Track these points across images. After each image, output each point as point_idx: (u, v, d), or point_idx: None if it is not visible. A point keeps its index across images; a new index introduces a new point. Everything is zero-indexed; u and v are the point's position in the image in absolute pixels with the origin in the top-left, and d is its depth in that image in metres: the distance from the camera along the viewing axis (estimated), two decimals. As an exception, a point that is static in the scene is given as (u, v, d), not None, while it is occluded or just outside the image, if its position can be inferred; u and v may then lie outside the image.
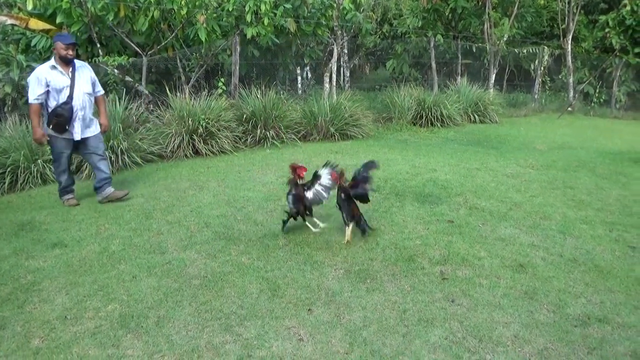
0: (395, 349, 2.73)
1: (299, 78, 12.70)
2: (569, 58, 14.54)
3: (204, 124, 7.24)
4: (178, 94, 7.76)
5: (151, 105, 8.23)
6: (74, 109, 4.90)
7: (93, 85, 5.16)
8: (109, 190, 5.20)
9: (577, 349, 2.74)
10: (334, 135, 8.54)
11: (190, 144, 7.22)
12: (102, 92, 5.34)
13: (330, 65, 9.93)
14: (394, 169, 6.46)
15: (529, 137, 9.78)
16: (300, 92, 12.03)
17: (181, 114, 7.31)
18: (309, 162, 6.81)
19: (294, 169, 4.27)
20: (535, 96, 14.64)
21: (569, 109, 14.12)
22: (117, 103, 7.05)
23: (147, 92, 8.32)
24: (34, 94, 4.76)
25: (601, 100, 14.94)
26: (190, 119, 7.21)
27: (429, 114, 10.39)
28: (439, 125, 10.37)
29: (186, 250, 3.97)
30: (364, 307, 3.16)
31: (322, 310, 3.12)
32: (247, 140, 7.92)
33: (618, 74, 14.78)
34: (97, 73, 8.05)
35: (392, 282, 3.48)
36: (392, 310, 3.12)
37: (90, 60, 7.86)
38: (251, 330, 2.89)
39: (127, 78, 8.14)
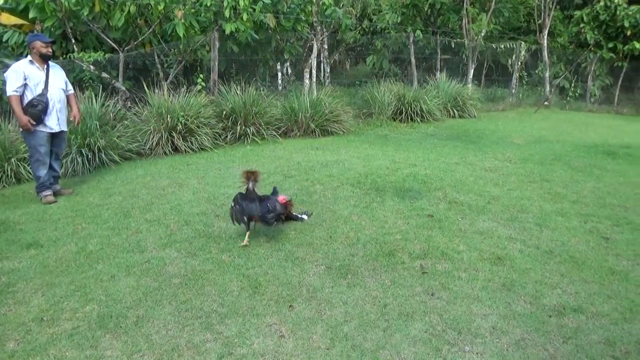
0: (376, 343, 2.75)
1: (279, 74, 12.66)
2: (545, 53, 14.78)
3: (183, 121, 7.17)
4: (156, 90, 7.65)
5: (129, 102, 8.11)
6: (50, 100, 5.06)
7: (65, 84, 5.34)
8: (56, 187, 5.36)
9: (553, 338, 2.79)
10: (315, 131, 8.54)
11: (169, 141, 7.14)
12: (73, 91, 5.50)
13: (310, 61, 9.91)
14: (374, 164, 6.49)
15: (507, 132, 9.91)
16: (280, 88, 11.99)
17: (160, 111, 7.22)
18: (289, 158, 6.81)
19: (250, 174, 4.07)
20: (513, 91, 14.85)
21: (546, 103, 14.36)
22: (94, 100, 6.92)
23: (124, 88, 8.19)
24: (12, 86, 4.90)
25: (576, 94, 15.23)
26: (169, 116, 7.13)
27: (409, 109, 10.46)
28: (418, 120, 10.44)
29: (166, 249, 3.93)
30: (345, 302, 3.17)
31: (303, 306, 3.12)
32: (227, 137, 7.87)
33: (592, 69, 15.08)
34: (72, 69, 7.95)
35: (373, 277, 3.50)
36: (372, 305, 3.13)
37: (64, 56, 7.70)
38: (232, 328, 2.88)
39: (104, 74, 8.00)
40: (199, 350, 2.67)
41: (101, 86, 7.62)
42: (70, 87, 5.44)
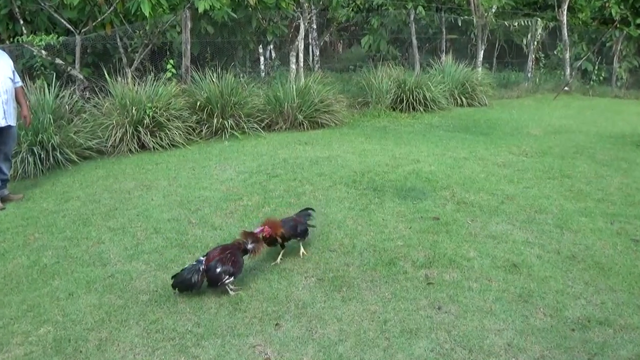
0: (376, 364, 2.76)
1: (261, 58, 12.65)
2: (565, 31, 14.89)
3: (150, 114, 7.14)
4: (119, 78, 7.62)
5: (87, 93, 8.07)
6: None
7: (13, 73, 5.26)
8: (3, 192, 5.31)
9: (576, 355, 2.82)
10: (303, 124, 8.55)
11: (135, 137, 7.11)
12: (21, 83, 5.44)
13: (297, 43, 9.92)
14: (372, 160, 6.51)
15: (522, 121, 9.98)
16: (262, 74, 11.99)
17: (123, 102, 7.20)
18: (274, 155, 6.81)
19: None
20: (529, 75, 14.95)
21: (566, 88, 14.48)
22: (47, 90, 6.88)
23: (81, 76, 8.15)
24: None
25: (601, 78, 15.36)
26: (134, 108, 7.10)
27: (411, 97, 10.49)
28: (421, 109, 10.48)
29: (132, 261, 3.92)
30: (339, 318, 3.18)
31: (291, 324, 3.12)
32: (202, 131, 7.85)
33: (619, 48, 15.22)
34: (21, 55, 7.89)
35: (371, 289, 3.52)
36: (371, 322, 3.15)
37: (11, 40, 7.65)
38: (209, 351, 2.87)
39: (58, 60, 7.95)
40: (172, 376, 2.67)
41: (55, 74, 7.57)
42: (17, 78, 5.38)
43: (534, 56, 15.13)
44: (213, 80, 8.14)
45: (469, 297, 3.40)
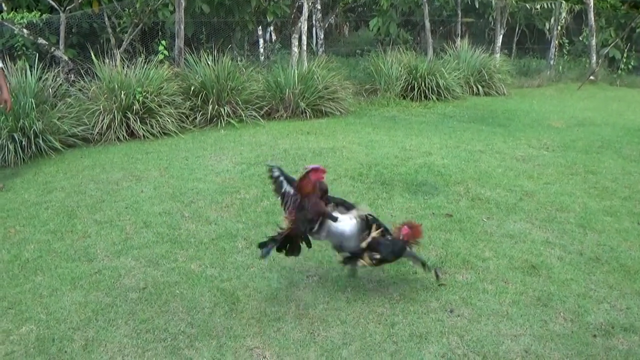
0: (382, 370, 2.79)
1: (261, 41, 12.65)
2: (591, 15, 14.85)
3: (140, 99, 7.16)
4: (107, 60, 7.63)
5: (72, 75, 8.09)
6: None
7: None
8: None
9: (598, 363, 2.85)
10: (305, 112, 8.55)
11: (124, 124, 7.13)
12: (1, 64, 5.39)
13: (300, 24, 9.91)
14: (380, 152, 6.53)
15: (543, 112, 9.98)
16: (262, 58, 11.99)
17: (111, 86, 7.21)
18: (274, 145, 6.83)
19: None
20: (551, 62, 14.93)
21: (591, 77, 14.46)
22: (28, 72, 6.89)
23: (66, 58, 8.16)
24: None
25: (629, 66, 15.32)
26: (122, 93, 7.11)
27: (422, 84, 10.48)
28: (434, 98, 10.47)
29: (120, 257, 3.95)
30: (343, 321, 3.20)
31: (292, 326, 3.15)
32: (196, 118, 7.87)
33: (650, 35, 15.17)
34: (1, 34, 7.91)
35: (378, 290, 3.54)
36: (377, 324, 3.17)
37: (-9, 17, 7.67)
38: (204, 353, 2.90)
39: (41, 40, 7.97)
40: (164, 380, 2.70)
41: (37, 55, 7.58)
42: None
43: (557, 42, 15.09)
44: (208, 64, 8.14)
45: (484, 299, 3.43)
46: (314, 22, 13.76)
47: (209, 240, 4.20)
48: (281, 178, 3.55)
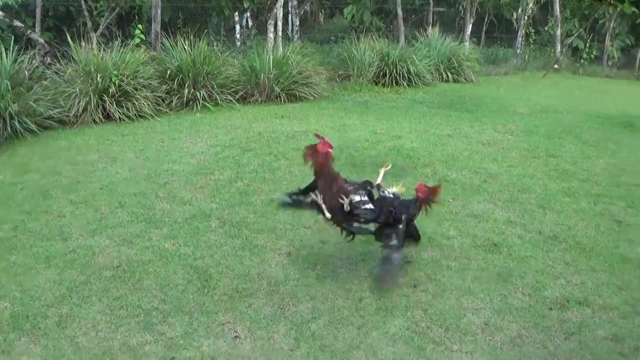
0: (349, 342, 2.82)
1: (237, 27, 12.51)
2: (557, 6, 14.98)
3: (116, 82, 7.04)
4: (83, 43, 7.47)
5: (48, 58, 7.91)
6: None
7: None
8: None
9: (553, 334, 2.92)
10: (280, 97, 8.50)
11: (100, 107, 7.01)
12: None
13: (275, 10, 9.81)
14: (352, 135, 6.53)
15: (509, 99, 10.07)
16: (238, 43, 11.86)
17: (87, 69, 7.07)
18: (248, 128, 6.79)
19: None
20: (518, 51, 15.04)
21: (556, 66, 14.62)
22: (4, 55, 6.72)
23: (42, 41, 7.98)
24: None
25: (592, 56, 15.52)
26: (99, 75, 6.98)
27: (394, 71, 10.48)
28: (405, 84, 10.49)
29: (95, 236, 3.90)
30: (312, 296, 3.22)
31: (263, 301, 3.16)
32: (171, 102, 7.76)
33: (611, 26, 15.38)
34: (-26, 16, 7.69)
35: (347, 267, 3.57)
36: (345, 300, 3.20)
37: (-35, -1, 7.44)
38: (177, 328, 2.90)
39: (16, 23, 7.77)
40: (136, 353, 2.69)
41: (13, 37, 7.39)
42: None
43: (524, 32, 15.20)
44: (185, 48, 8.02)
45: (447, 275, 3.48)
46: (289, 9, 13.63)
47: (183, 220, 4.18)
48: (294, 197, 3.45)
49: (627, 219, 4.47)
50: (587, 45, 15.48)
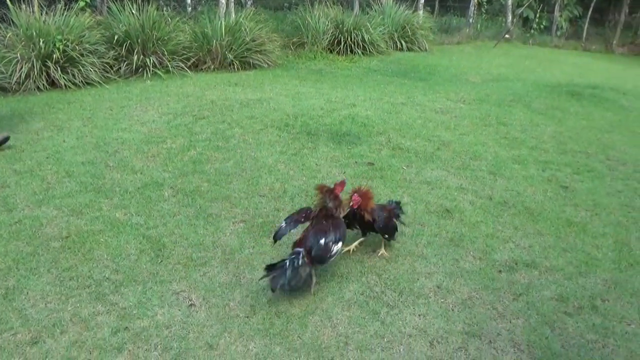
0: (305, 308, 2.83)
1: (188, -9, 12.14)
2: (508, -24, 15.16)
3: (61, 47, 6.75)
4: (23, 6, 7.12)
5: (-14, 22, 7.50)
6: None
7: None
8: None
9: (502, 296, 3.01)
10: (233, 64, 8.36)
11: (44, 73, 6.73)
12: None
13: (227, -26, 9.57)
14: (306, 104, 6.49)
15: (462, 68, 10.21)
16: (189, 9, 11.53)
17: (29, 34, 6.75)
18: (201, 96, 6.66)
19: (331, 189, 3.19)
20: (470, 20, 15.21)
21: (507, 36, 14.86)
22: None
23: (-21, 3, 7.54)
24: None
25: (541, 26, 15.85)
26: (41, 40, 6.68)
27: (349, 39, 10.45)
28: (360, 52, 10.48)
29: (42, 206, 3.77)
30: (268, 264, 3.21)
31: (218, 270, 3.14)
32: (120, 68, 7.53)
33: (560, -3, 15.69)
34: None
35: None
36: (301, 266, 3.20)
37: None
38: (129, 298, 2.85)
39: (-51, -17, 7.30)
40: (88, 324, 2.64)
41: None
42: None
43: (476, 1, 15.35)
44: (132, 13, 7.77)
45: (401, 241, 3.53)
46: (242, -27, 13.30)
47: (135, 189, 4.08)
48: (289, 223, 3.13)
49: (572, 184, 4.63)
50: (537, 15, 15.78)
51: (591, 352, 2.62)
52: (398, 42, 11.63)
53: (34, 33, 6.73)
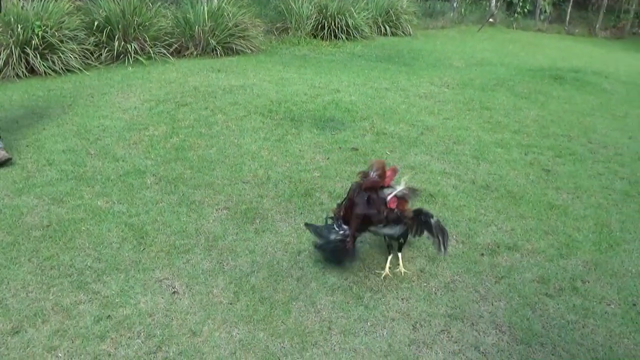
0: (289, 294, 2.84)
1: (169, -24, 11.98)
2: (492, -40, 15.13)
3: (40, 33, 6.64)
4: (0, -9, 6.98)
5: (-38, 7, 7.35)
6: None
7: None
8: None
9: (484, 279, 3.04)
10: (216, 50, 8.29)
11: (23, 60, 6.62)
12: None
13: (209, -42, 9.44)
14: (290, 89, 6.46)
15: (446, 53, 10.20)
16: (171, -6, 11.40)
17: (6, 19, 6.63)
18: (183, 82, 6.60)
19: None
20: (455, 5, 15.18)
21: (490, 20, 14.87)
22: None
23: (-46, -12, 7.37)
24: None
25: (525, 10, 15.87)
26: (19, 26, 6.56)
27: (332, 24, 10.40)
28: (344, 37, 10.44)
29: (22, 195, 3.73)
30: (251, 250, 3.22)
31: (201, 257, 3.13)
32: (101, 55, 7.43)
33: (544, -19, 15.71)
34: None
35: (286, 220, 3.57)
36: (284, 253, 3.21)
37: None
38: (112, 286, 2.83)
39: None
40: (70, 313, 2.62)
41: None
42: None
43: (460, -15, 15.32)
44: (113, -2, 7.66)
45: (385, 226, 3.54)
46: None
47: (117, 177, 4.05)
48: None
49: (554, 168, 4.67)
50: (521, -1, 15.78)
51: (572, 332, 2.65)
52: (382, 27, 11.59)
53: (12, 19, 6.60)
